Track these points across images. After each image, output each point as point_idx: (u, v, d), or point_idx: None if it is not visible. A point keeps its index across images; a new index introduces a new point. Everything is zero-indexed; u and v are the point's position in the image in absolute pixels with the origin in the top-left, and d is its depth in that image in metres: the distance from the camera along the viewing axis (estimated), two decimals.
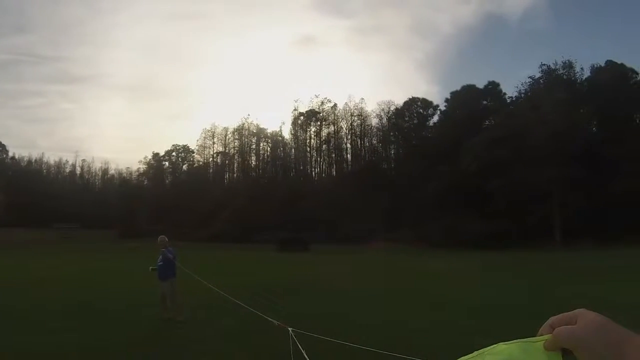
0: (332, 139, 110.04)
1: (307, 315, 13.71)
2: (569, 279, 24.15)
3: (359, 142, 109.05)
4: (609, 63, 74.36)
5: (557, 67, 74.99)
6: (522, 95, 79.48)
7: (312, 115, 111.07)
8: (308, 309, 15.57)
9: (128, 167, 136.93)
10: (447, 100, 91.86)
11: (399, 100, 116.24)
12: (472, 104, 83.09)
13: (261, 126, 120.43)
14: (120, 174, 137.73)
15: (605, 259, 36.12)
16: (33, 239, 69.88)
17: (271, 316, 7.85)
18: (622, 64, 72.96)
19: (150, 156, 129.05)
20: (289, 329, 5.51)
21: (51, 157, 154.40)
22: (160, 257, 14.13)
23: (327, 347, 6.97)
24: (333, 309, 15.85)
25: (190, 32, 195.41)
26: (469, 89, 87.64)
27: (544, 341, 0.91)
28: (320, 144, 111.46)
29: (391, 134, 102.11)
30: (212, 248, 59.61)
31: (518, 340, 0.93)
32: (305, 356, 4.88)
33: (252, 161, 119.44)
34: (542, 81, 75.46)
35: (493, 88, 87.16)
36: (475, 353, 0.93)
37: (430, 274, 29.44)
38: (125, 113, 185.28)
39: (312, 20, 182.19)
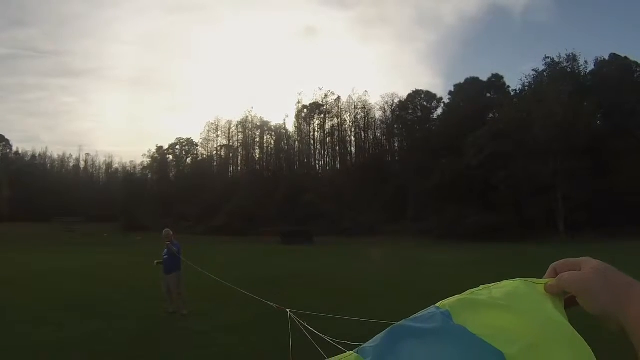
0: (336, 132, 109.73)
1: (309, 308, 13.74)
2: None
3: (363, 135, 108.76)
4: (613, 56, 74.28)
5: (561, 60, 75.00)
6: (526, 88, 79.40)
7: (315, 108, 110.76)
8: (310, 301, 15.65)
9: (132, 161, 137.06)
10: (450, 93, 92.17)
11: (403, 92, 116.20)
12: (476, 97, 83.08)
13: (265, 119, 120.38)
14: (124, 167, 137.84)
15: (608, 251, 36.16)
16: (35, 233, 69.98)
17: (269, 309, 7.91)
18: (626, 57, 72.85)
19: (154, 149, 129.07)
20: (287, 310, 5.62)
21: (55, 152, 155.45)
22: (165, 250, 14.24)
23: (327, 330, 7.01)
24: (336, 300, 15.92)
25: (192, 24, 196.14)
26: (472, 82, 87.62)
27: (546, 283, 0.93)
28: (324, 137, 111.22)
29: (395, 126, 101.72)
30: (216, 241, 59.68)
31: (521, 278, 0.95)
32: (307, 334, 4.97)
33: (256, 154, 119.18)
34: (546, 74, 75.39)
35: (497, 81, 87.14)
36: (482, 287, 0.95)
37: (432, 266, 29.49)
38: (129, 107, 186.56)
39: (315, 12, 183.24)
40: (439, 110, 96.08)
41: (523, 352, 0.79)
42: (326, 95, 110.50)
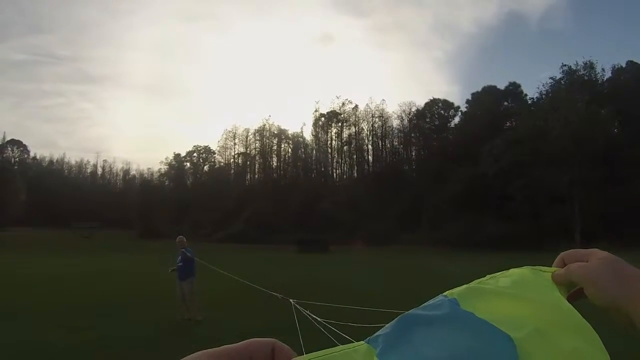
0: (353, 140, 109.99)
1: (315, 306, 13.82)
2: None
3: (380, 144, 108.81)
4: (630, 64, 73.83)
5: (578, 67, 74.55)
6: (543, 96, 79.02)
7: (333, 117, 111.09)
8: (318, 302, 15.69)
9: (149, 168, 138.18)
10: (468, 102, 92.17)
11: (420, 100, 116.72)
12: (493, 106, 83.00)
13: (282, 127, 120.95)
14: (141, 174, 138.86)
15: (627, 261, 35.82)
16: (51, 239, 70.58)
17: (285, 314, 8.00)
18: None
19: (171, 157, 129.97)
20: (291, 300, 5.76)
21: (72, 158, 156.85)
22: (180, 257, 14.45)
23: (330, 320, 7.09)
24: (343, 302, 15.95)
25: (209, 33, 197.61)
26: (489, 90, 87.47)
27: (553, 272, 0.93)
28: (341, 145, 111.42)
29: (412, 135, 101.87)
30: (232, 249, 59.67)
31: (528, 266, 0.96)
32: (311, 319, 5.12)
33: (273, 162, 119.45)
34: (563, 82, 74.98)
35: (514, 89, 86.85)
36: (488, 276, 0.96)
37: (445, 274, 29.41)
38: (146, 114, 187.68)
39: (332, 21, 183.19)
40: (456, 119, 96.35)
41: (530, 337, 0.79)
42: (343, 104, 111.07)
